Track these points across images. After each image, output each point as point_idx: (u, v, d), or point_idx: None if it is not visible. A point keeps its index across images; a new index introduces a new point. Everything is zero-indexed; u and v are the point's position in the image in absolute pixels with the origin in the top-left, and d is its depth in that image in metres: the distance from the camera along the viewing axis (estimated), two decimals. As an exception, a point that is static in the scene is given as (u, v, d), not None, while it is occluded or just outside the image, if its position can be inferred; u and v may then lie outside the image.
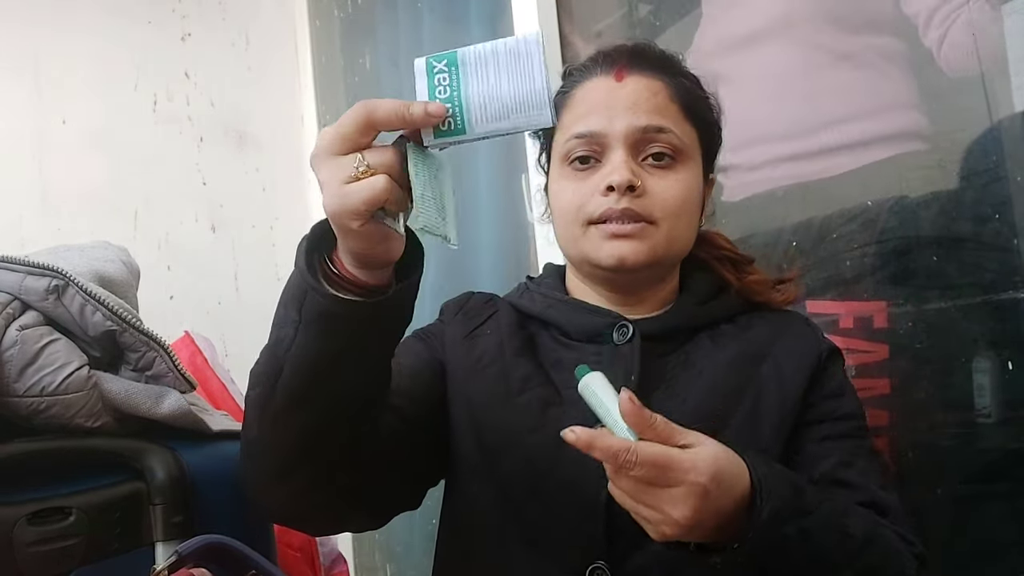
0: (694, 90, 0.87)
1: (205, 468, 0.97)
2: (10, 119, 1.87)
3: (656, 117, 0.82)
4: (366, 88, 2.13)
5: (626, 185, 0.79)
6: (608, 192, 0.80)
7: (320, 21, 2.28)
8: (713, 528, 0.62)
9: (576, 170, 0.84)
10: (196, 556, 0.77)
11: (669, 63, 0.87)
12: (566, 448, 0.63)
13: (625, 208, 0.80)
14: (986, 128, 0.99)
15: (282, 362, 0.65)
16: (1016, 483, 0.96)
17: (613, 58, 0.86)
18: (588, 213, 0.82)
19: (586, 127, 0.83)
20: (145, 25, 2.07)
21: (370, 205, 0.57)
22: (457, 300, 0.97)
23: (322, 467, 0.70)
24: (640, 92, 0.83)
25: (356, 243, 0.60)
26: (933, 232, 1.03)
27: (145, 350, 0.99)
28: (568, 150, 0.84)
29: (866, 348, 1.07)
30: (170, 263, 2.02)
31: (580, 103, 0.85)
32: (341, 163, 0.58)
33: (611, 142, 0.82)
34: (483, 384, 0.84)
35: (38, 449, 0.90)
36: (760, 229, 1.24)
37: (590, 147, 0.83)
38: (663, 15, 1.46)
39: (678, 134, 0.83)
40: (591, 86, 0.85)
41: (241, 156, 2.17)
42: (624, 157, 0.81)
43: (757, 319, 0.87)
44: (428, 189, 0.60)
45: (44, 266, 0.93)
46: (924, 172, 1.06)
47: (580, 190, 0.83)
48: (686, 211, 0.83)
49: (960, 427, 1.01)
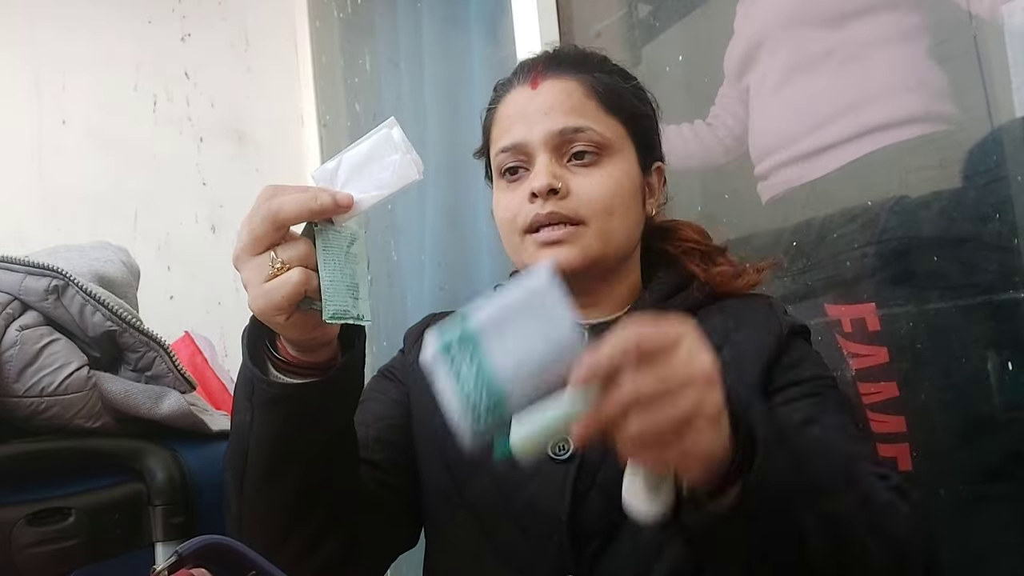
0: (613, 83, 0.87)
1: (205, 468, 0.97)
2: (10, 119, 1.87)
3: (572, 117, 0.82)
4: (366, 88, 2.13)
5: (546, 189, 0.80)
6: (533, 199, 0.81)
7: (320, 21, 2.28)
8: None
9: (508, 182, 0.85)
10: (196, 556, 0.77)
11: (585, 61, 0.88)
12: (527, 466, 0.64)
13: (551, 212, 0.80)
14: (987, 128, 0.99)
15: (246, 445, 0.69)
16: (1017, 483, 0.96)
17: (529, 67, 0.87)
18: (521, 223, 0.83)
19: (509, 139, 0.84)
20: (145, 25, 2.07)
21: (291, 300, 0.61)
22: (418, 326, 0.98)
23: (312, 530, 0.72)
24: (555, 95, 0.83)
25: (290, 333, 0.64)
26: (933, 232, 1.03)
27: (145, 350, 0.99)
28: (499, 164, 0.86)
29: (866, 352, 1.07)
30: (170, 263, 2.01)
31: (503, 117, 0.87)
32: (257, 263, 0.62)
33: (533, 150, 0.83)
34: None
35: (38, 450, 0.90)
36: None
37: (516, 158, 0.84)
38: (663, 15, 1.46)
39: (598, 130, 0.83)
40: (510, 99, 0.87)
41: (241, 156, 2.17)
42: (546, 162, 0.81)
43: (717, 310, 0.86)
44: (336, 272, 0.62)
45: (44, 266, 0.93)
46: (925, 172, 1.06)
47: (512, 201, 0.84)
48: (618, 206, 0.83)
49: (960, 427, 1.01)
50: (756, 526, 0.56)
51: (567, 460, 0.76)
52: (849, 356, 0.86)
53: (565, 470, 0.76)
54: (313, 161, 2.24)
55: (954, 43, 1.05)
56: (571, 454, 0.76)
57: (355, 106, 2.18)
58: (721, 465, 0.54)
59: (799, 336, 0.84)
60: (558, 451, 0.77)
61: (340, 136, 2.21)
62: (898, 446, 1.02)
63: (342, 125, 2.21)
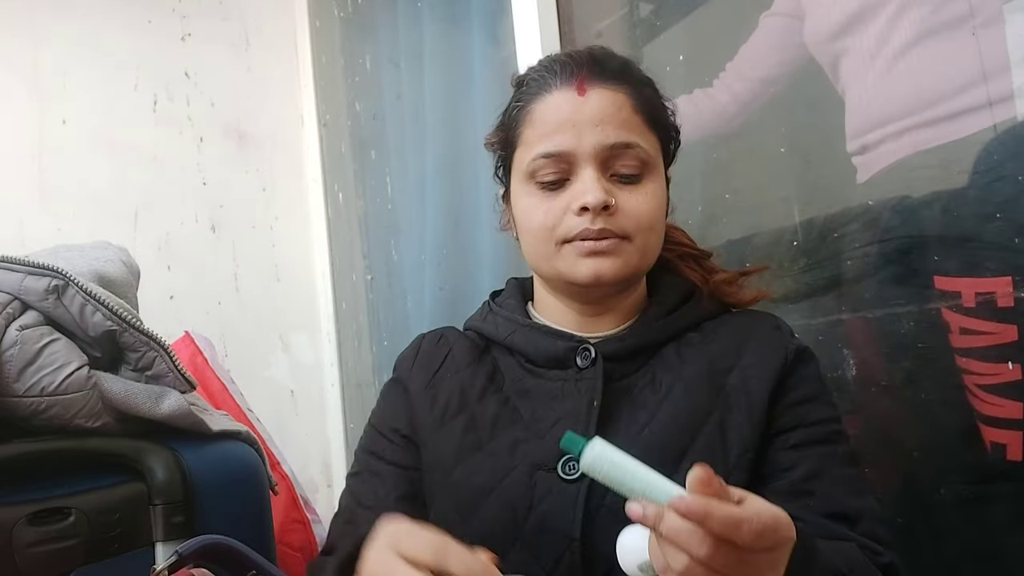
0: (654, 98, 0.86)
1: (205, 468, 0.97)
2: (10, 119, 1.87)
3: (624, 133, 0.80)
4: (366, 88, 2.13)
5: (601, 206, 0.78)
6: (582, 212, 0.79)
7: (320, 21, 2.28)
8: None
9: (547, 190, 0.82)
10: (196, 556, 0.77)
11: (629, 71, 0.85)
12: (538, 487, 0.64)
13: (602, 228, 0.79)
14: (988, 128, 0.98)
15: None
16: (1018, 484, 0.96)
17: (572, 69, 0.83)
18: (562, 233, 0.81)
19: (554, 146, 0.81)
20: (145, 25, 2.07)
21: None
22: (410, 350, 0.95)
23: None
24: (605, 107, 0.80)
25: None
26: (935, 231, 1.03)
27: (145, 350, 0.98)
28: (535, 168, 0.82)
29: (989, 329, 0.96)
30: (170, 263, 2.02)
31: (542, 120, 0.82)
32: None
33: (580, 160, 0.80)
34: (452, 439, 0.83)
35: (38, 449, 0.90)
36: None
37: (558, 166, 0.81)
38: (664, 14, 1.46)
39: (645, 147, 0.81)
40: (552, 100, 0.82)
41: (241, 156, 2.17)
42: (595, 176, 0.79)
43: (723, 325, 0.85)
44: None
45: (44, 266, 0.93)
46: (926, 172, 1.06)
47: (552, 210, 0.81)
48: (657, 222, 0.83)
49: (961, 427, 1.00)
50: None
51: (577, 480, 0.75)
52: (960, 332, 0.80)
53: (576, 490, 0.75)
54: (313, 161, 2.24)
55: (954, 43, 1.04)
56: (580, 474, 0.75)
57: (355, 106, 2.18)
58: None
59: (808, 363, 0.83)
60: (567, 471, 0.76)
61: (340, 136, 2.21)
62: (1011, 433, 0.95)
63: (342, 125, 2.21)
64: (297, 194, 2.24)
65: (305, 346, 2.21)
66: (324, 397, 2.21)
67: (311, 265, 2.22)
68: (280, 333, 2.17)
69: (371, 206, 2.11)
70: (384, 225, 2.05)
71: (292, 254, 2.19)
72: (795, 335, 0.85)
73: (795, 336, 0.84)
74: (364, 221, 2.14)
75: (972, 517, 1.01)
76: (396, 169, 2.02)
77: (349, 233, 2.17)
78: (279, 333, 2.17)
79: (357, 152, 2.17)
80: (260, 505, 1.05)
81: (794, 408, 0.79)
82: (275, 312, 2.16)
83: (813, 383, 0.81)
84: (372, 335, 2.12)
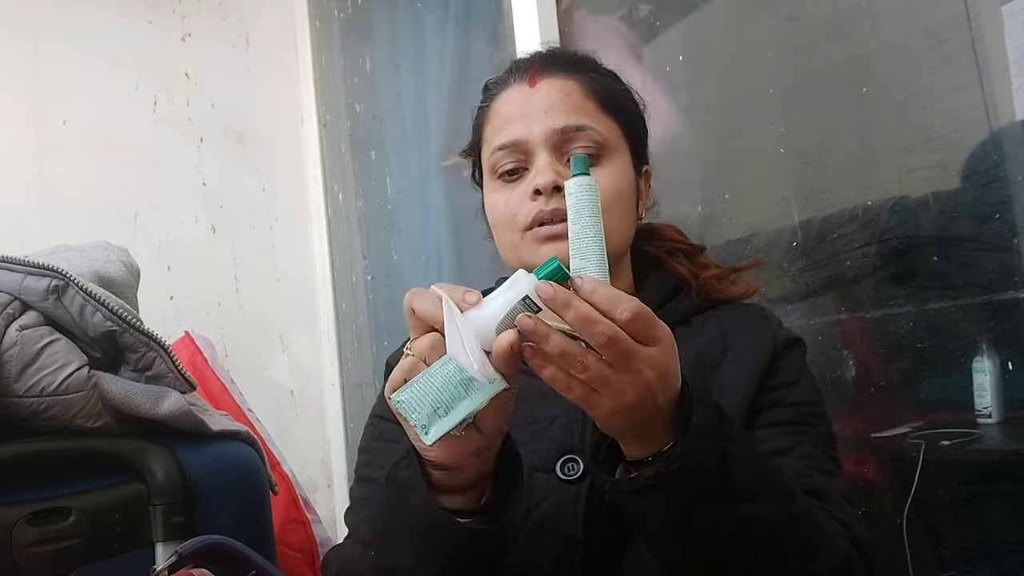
0: (610, 84, 0.87)
1: (205, 468, 0.97)
2: (10, 119, 1.87)
3: (572, 116, 0.82)
4: (366, 88, 2.13)
5: (551, 186, 0.79)
6: (536, 196, 0.81)
7: (320, 21, 2.28)
8: (641, 431, 0.60)
9: (505, 181, 0.85)
10: (196, 556, 0.77)
11: (581, 62, 0.88)
12: (537, 488, 0.66)
13: (555, 209, 0.80)
14: (986, 128, 0.98)
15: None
16: (1018, 483, 0.96)
17: (525, 65, 0.87)
18: (521, 221, 0.82)
19: (508, 136, 0.83)
20: (145, 25, 2.07)
21: None
22: (401, 350, 0.95)
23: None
24: (554, 94, 0.83)
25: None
26: (933, 232, 1.03)
27: (145, 350, 0.99)
28: (494, 162, 0.85)
29: None
30: (170, 263, 2.02)
31: (498, 114, 0.86)
32: None
33: (533, 147, 0.82)
34: None
35: (38, 450, 0.90)
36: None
37: (514, 156, 0.83)
38: (663, 15, 1.46)
39: (598, 129, 0.83)
40: (507, 96, 0.86)
41: (241, 156, 2.17)
42: (548, 159, 0.81)
43: (712, 318, 0.86)
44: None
45: (44, 266, 0.93)
46: (924, 172, 1.06)
47: (511, 200, 0.83)
48: (617, 205, 0.83)
49: (961, 428, 1.01)
50: (669, 503, 0.60)
51: (578, 480, 0.75)
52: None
53: (577, 490, 0.75)
54: (313, 161, 2.25)
55: (954, 43, 1.04)
56: (581, 474, 0.75)
57: (355, 106, 2.18)
58: (657, 438, 0.60)
59: (794, 350, 0.83)
60: (567, 472, 0.76)
61: (340, 136, 2.22)
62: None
63: (342, 125, 2.21)
64: (297, 194, 2.24)
65: (305, 346, 2.21)
66: (324, 397, 2.21)
67: (311, 265, 2.23)
68: (280, 333, 2.17)
69: (371, 206, 2.12)
70: (384, 225, 2.05)
71: (292, 254, 2.19)
72: (783, 325, 0.85)
73: (783, 326, 0.85)
74: (364, 221, 2.14)
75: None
76: (396, 169, 2.02)
77: (349, 233, 2.17)
78: (279, 333, 2.17)
79: (357, 152, 2.17)
80: (260, 505, 1.05)
81: (774, 391, 0.79)
82: (275, 312, 2.16)
83: (796, 368, 0.82)
84: (372, 335, 2.12)
